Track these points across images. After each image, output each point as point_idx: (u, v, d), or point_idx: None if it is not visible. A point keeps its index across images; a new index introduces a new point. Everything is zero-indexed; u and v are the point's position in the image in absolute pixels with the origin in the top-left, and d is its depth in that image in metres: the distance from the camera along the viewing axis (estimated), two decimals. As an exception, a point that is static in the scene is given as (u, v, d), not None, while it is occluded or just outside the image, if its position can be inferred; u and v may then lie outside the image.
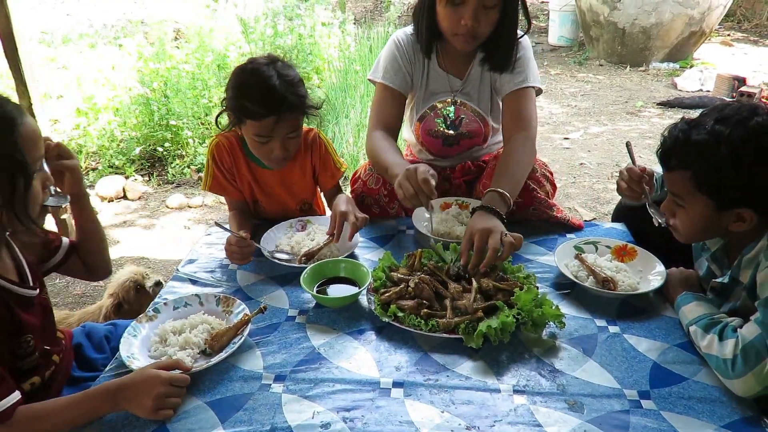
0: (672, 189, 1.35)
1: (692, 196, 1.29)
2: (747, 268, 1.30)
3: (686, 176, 1.27)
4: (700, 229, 1.35)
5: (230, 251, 1.68)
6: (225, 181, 1.87)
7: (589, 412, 1.16)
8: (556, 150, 4.38)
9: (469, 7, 1.65)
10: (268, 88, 1.60)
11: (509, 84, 1.86)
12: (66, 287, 2.85)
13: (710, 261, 1.47)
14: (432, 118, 2.01)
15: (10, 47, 2.72)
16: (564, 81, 6.19)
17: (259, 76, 1.62)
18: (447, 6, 1.68)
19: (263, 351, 1.36)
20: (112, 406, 1.16)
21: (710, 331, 1.26)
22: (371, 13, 9.26)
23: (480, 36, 1.74)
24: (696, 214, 1.32)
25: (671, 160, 1.31)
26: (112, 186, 3.78)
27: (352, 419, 1.15)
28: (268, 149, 1.70)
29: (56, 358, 1.33)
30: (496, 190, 1.64)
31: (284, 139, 1.69)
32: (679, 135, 1.28)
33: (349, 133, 4.14)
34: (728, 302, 1.39)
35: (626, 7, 6.29)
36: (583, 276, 1.57)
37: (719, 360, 1.21)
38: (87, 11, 8.24)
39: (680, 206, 1.34)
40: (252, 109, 1.61)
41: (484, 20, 1.69)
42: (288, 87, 1.63)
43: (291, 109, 1.64)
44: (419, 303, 1.42)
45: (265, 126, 1.64)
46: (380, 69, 1.95)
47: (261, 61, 1.68)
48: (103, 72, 4.59)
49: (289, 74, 1.67)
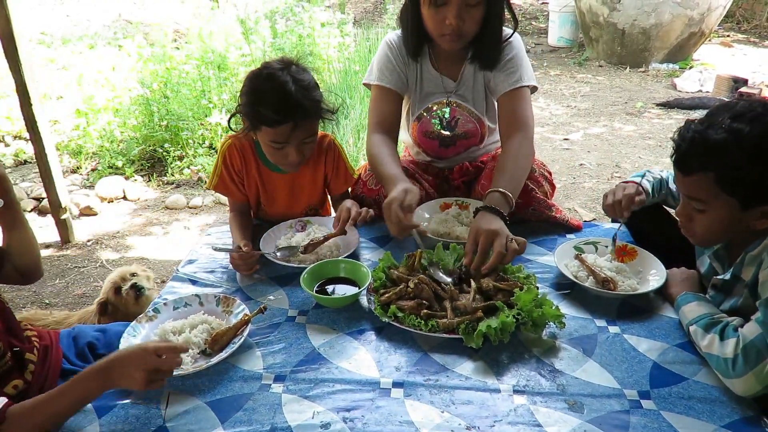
0: (691, 194, 1.31)
1: (715, 198, 1.26)
2: (750, 265, 1.30)
3: (708, 179, 1.24)
4: (721, 230, 1.32)
5: (235, 265, 1.68)
6: (231, 182, 1.87)
7: (589, 412, 1.16)
8: (555, 150, 4.38)
9: (452, 6, 1.66)
10: (284, 95, 1.58)
11: (503, 84, 1.85)
12: (66, 288, 2.86)
13: (712, 258, 1.47)
14: (428, 120, 2.01)
15: (10, 48, 2.72)
16: (564, 82, 6.20)
17: (274, 82, 1.60)
18: (431, 7, 1.69)
19: (263, 351, 1.36)
20: (103, 384, 1.14)
21: (711, 331, 1.26)
22: (371, 14, 9.27)
23: (466, 35, 1.74)
24: (719, 216, 1.28)
25: (690, 163, 1.26)
26: (112, 187, 3.78)
27: (352, 419, 1.15)
28: (284, 154, 1.69)
29: (32, 356, 1.32)
30: (498, 190, 1.64)
31: (300, 144, 1.68)
32: (696, 137, 1.24)
33: (349, 134, 4.15)
34: (729, 299, 1.39)
35: (626, 8, 6.29)
36: (583, 276, 1.57)
37: (720, 359, 1.21)
38: (86, 12, 8.25)
39: (700, 211, 1.31)
40: (268, 116, 1.59)
41: (468, 19, 1.69)
42: (304, 92, 1.61)
43: (307, 115, 1.63)
44: (419, 303, 1.42)
45: (281, 133, 1.62)
46: (375, 71, 1.95)
47: (275, 66, 1.65)
48: (102, 73, 4.59)
49: (305, 79, 1.65)
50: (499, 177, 1.71)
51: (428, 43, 1.89)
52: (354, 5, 9.76)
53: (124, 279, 2.13)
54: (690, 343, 1.35)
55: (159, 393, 1.23)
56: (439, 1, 1.66)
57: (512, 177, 1.71)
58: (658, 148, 4.32)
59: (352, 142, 4.11)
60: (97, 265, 3.07)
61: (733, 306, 1.37)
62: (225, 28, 5.23)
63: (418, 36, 1.84)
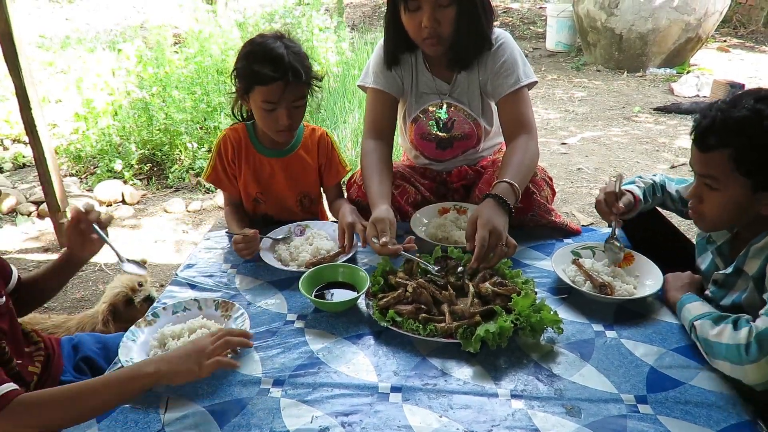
0: (706, 171, 1.32)
1: (728, 177, 1.27)
2: (755, 257, 1.30)
3: (725, 155, 1.25)
4: (729, 212, 1.33)
5: (237, 249, 1.73)
6: (223, 174, 1.95)
7: (586, 416, 1.17)
8: (553, 155, 4.40)
9: (426, 9, 1.69)
10: (277, 55, 1.68)
11: (501, 88, 1.86)
12: (64, 292, 2.85)
13: (715, 254, 1.47)
14: (425, 122, 2.02)
15: (10, 51, 2.72)
16: (561, 86, 6.22)
17: (267, 46, 1.71)
18: (407, 13, 1.73)
19: (262, 355, 1.36)
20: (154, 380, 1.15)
21: (722, 322, 1.25)
22: (369, 17, 9.30)
23: (443, 36, 1.75)
24: (729, 197, 1.29)
25: (709, 139, 1.27)
26: (111, 190, 3.78)
27: (351, 424, 1.16)
28: (275, 118, 1.75)
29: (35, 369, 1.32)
30: (505, 181, 1.65)
31: (290, 107, 1.75)
32: (718, 114, 1.26)
33: (347, 138, 4.16)
34: (730, 295, 1.38)
35: (623, 13, 6.32)
36: (580, 281, 1.58)
37: (731, 346, 1.19)
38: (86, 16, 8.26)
39: (713, 189, 1.31)
40: (261, 73, 1.67)
41: (443, 20, 1.71)
42: (295, 56, 1.71)
43: (298, 75, 1.70)
44: (417, 308, 1.42)
45: (273, 91, 1.69)
46: (370, 74, 1.97)
47: (268, 35, 1.77)
48: (102, 76, 4.60)
49: (295, 47, 1.76)
50: (506, 170, 1.71)
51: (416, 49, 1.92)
52: (353, 9, 9.79)
53: (134, 290, 2.10)
54: (688, 347, 1.35)
55: (158, 398, 1.23)
56: (411, 6, 1.70)
57: (519, 170, 1.72)
58: (655, 152, 4.34)
59: (351, 146, 4.12)
60: (95, 268, 3.07)
61: (735, 301, 1.36)
62: (223, 32, 5.24)
63: (396, 43, 1.88)
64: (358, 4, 10.39)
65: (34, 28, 7.18)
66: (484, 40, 1.83)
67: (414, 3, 1.69)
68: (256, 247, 1.74)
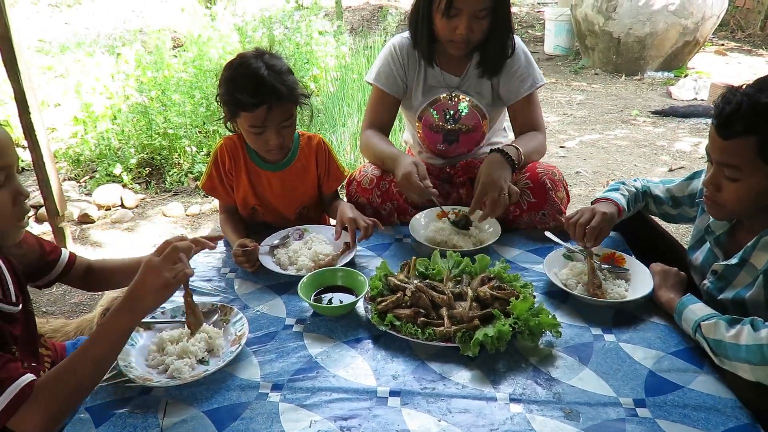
0: (726, 160, 1.26)
1: (752, 165, 1.22)
2: (763, 250, 1.27)
3: (749, 143, 1.20)
4: (749, 201, 1.28)
5: (238, 262, 1.72)
6: (219, 182, 1.93)
7: (585, 420, 1.17)
8: (551, 158, 4.40)
9: (463, 18, 1.78)
10: (258, 79, 1.65)
11: (518, 92, 2.00)
12: (63, 296, 2.85)
13: (713, 244, 1.45)
14: (431, 113, 2.09)
15: (9, 55, 2.72)
16: (559, 90, 6.23)
17: (247, 69, 1.68)
18: (443, 17, 1.80)
19: (260, 360, 1.36)
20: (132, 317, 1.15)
21: (737, 324, 1.21)
22: (368, 22, 9.32)
23: (473, 42, 1.87)
24: (752, 185, 1.24)
25: (735, 126, 1.21)
26: (110, 194, 3.77)
27: (350, 428, 1.16)
28: (264, 140, 1.75)
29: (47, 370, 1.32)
30: (512, 145, 1.86)
31: (278, 128, 1.74)
32: (744, 99, 1.19)
33: (346, 142, 4.16)
34: (731, 288, 1.36)
35: (621, 17, 6.34)
36: (572, 284, 1.59)
37: (752, 347, 1.15)
38: (85, 20, 8.27)
39: (734, 180, 1.26)
40: (243, 101, 1.66)
41: (477, 29, 1.82)
42: (276, 76, 1.68)
43: (280, 97, 1.68)
44: (416, 312, 1.43)
45: (257, 116, 1.68)
46: (375, 72, 2.07)
47: (249, 54, 1.74)
48: (101, 80, 4.60)
49: (277, 64, 1.72)
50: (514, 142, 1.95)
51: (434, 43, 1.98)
52: (352, 13, 9.81)
53: None
54: (687, 350, 1.35)
55: (156, 402, 1.23)
56: (451, 13, 1.78)
57: (526, 144, 1.92)
58: (653, 155, 4.35)
59: (350, 149, 4.12)
60: (94, 272, 3.06)
61: (738, 296, 1.34)
62: (222, 36, 5.25)
63: (429, 40, 1.95)
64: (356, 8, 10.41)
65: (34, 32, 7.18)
66: (509, 48, 1.96)
67: (454, 10, 1.76)
68: (255, 259, 1.72)
